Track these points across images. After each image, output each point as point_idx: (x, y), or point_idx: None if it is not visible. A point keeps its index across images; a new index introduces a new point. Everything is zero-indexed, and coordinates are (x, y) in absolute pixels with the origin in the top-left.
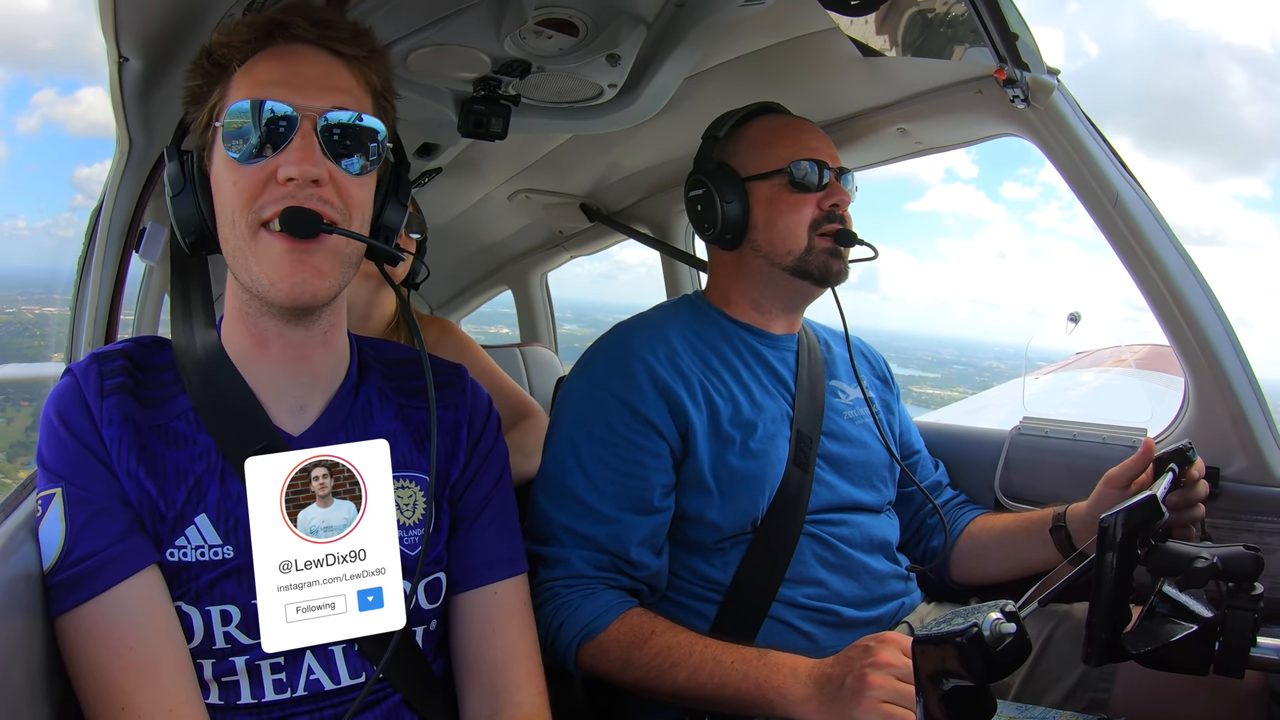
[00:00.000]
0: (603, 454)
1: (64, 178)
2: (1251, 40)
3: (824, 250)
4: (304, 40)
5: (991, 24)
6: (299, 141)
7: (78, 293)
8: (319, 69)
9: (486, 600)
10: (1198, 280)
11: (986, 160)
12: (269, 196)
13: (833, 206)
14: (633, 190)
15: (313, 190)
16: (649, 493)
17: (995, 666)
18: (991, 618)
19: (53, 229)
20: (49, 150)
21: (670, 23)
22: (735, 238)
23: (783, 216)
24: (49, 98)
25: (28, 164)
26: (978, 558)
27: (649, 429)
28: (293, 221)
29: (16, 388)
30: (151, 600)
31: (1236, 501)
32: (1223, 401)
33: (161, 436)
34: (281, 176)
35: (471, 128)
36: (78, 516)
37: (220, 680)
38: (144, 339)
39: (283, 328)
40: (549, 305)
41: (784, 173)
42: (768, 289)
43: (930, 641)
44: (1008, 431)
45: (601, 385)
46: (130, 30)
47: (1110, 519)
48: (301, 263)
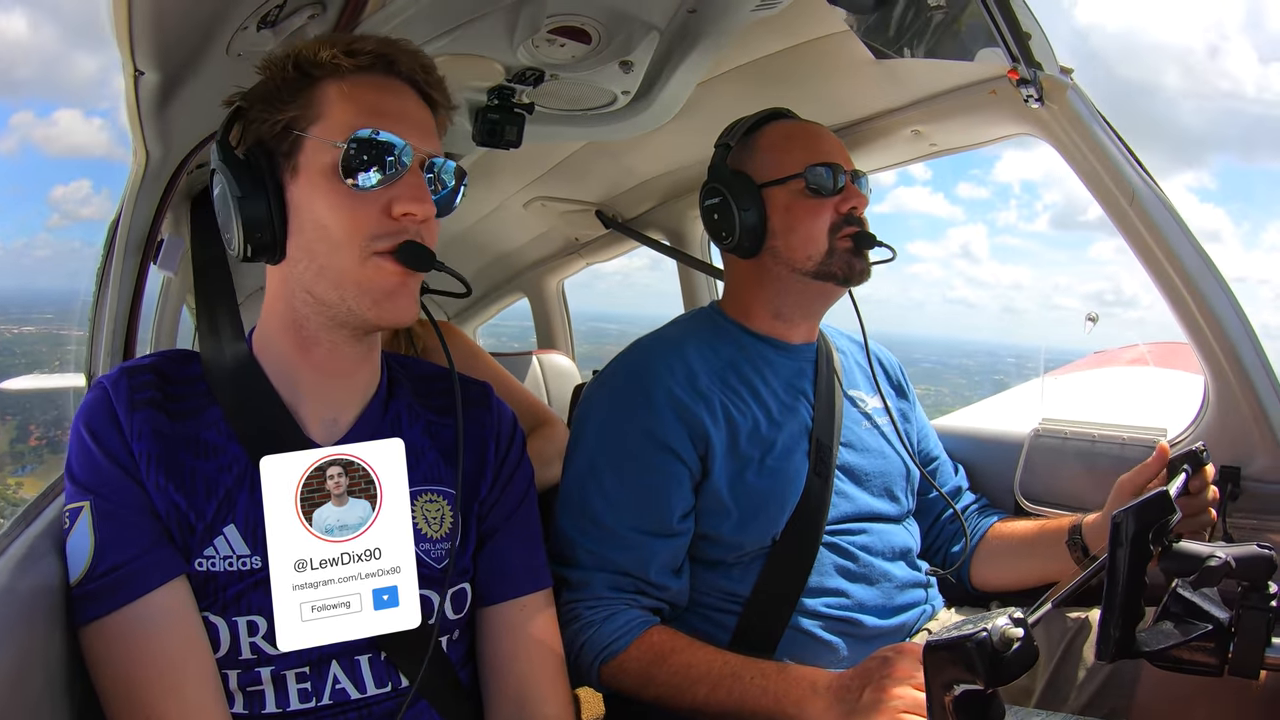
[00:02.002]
0: (623, 478)
1: (40, 198)
2: (1183, 40)
3: (845, 251)
4: (404, 78)
5: (1004, 24)
6: (414, 179)
7: (96, 305)
8: (421, 111)
9: (513, 614)
10: (1216, 278)
11: (938, 163)
12: (385, 228)
13: (850, 209)
14: (647, 196)
15: (420, 227)
16: (669, 516)
17: (1003, 671)
18: (1000, 623)
19: (29, 249)
20: (26, 172)
21: (682, 29)
22: (754, 245)
23: (802, 222)
24: (26, 120)
25: (5, 186)
26: (997, 564)
27: (669, 454)
28: (411, 256)
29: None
30: (177, 611)
31: (1258, 501)
32: (1244, 400)
33: (192, 448)
34: (398, 211)
35: (486, 136)
36: (106, 529)
37: (245, 690)
38: (171, 353)
39: (343, 342)
40: (566, 313)
41: (800, 178)
42: (789, 295)
43: (940, 647)
44: (1027, 434)
45: (621, 409)
46: (145, 43)
47: (1122, 515)
48: (406, 290)
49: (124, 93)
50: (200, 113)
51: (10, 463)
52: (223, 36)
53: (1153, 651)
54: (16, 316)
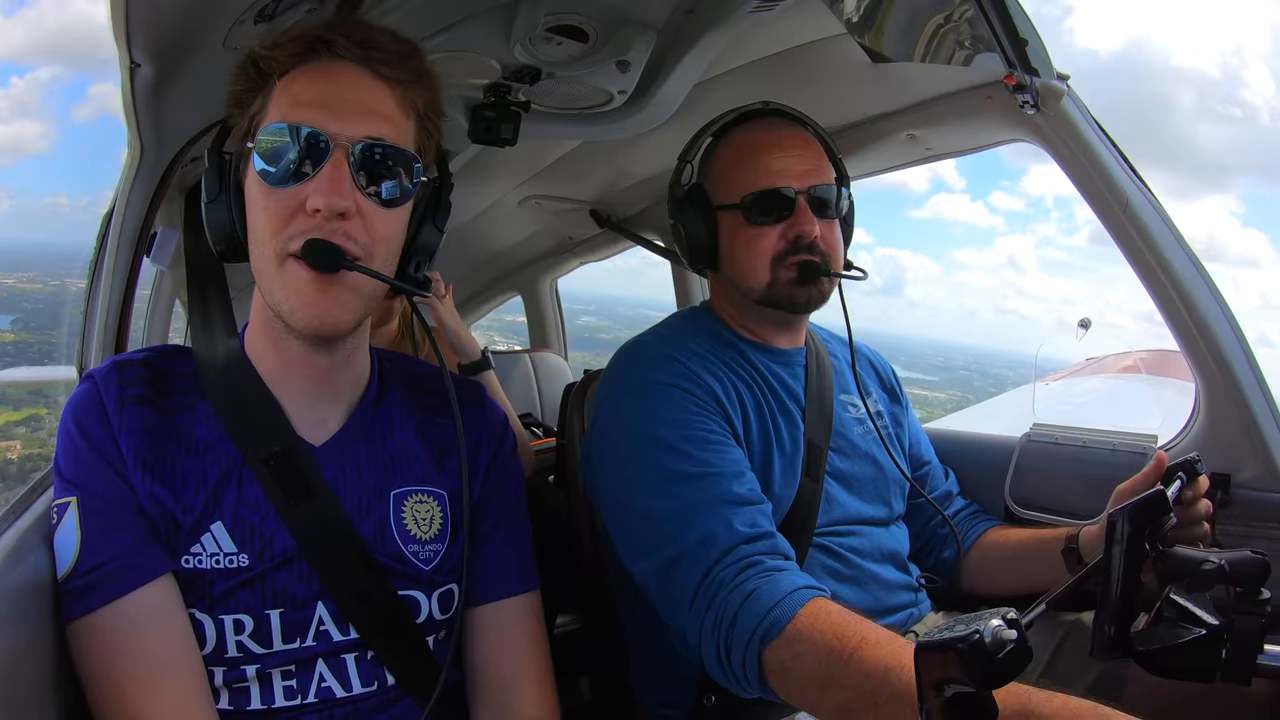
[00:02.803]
0: (685, 429)
1: (112, 160)
2: (1198, 64)
3: (788, 281)
4: (347, 59)
5: (1001, 30)
6: (329, 171)
7: (88, 297)
8: (359, 92)
9: (498, 615)
10: (1208, 286)
11: (972, 170)
12: (297, 226)
13: (797, 237)
14: (642, 196)
15: (338, 224)
16: (734, 453)
17: (996, 673)
18: (993, 625)
19: (95, 205)
20: (101, 135)
21: (680, 29)
22: (709, 265)
23: (743, 251)
24: (106, 90)
25: (81, 148)
26: (989, 572)
27: (712, 402)
28: (313, 255)
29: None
30: (163, 608)
31: (1248, 508)
32: (1234, 408)
33: (181, 444)
34: (309, 207)
35: (482, 134)
36: (92, 525)
37: (231, 687)
38: (164, 347)
39: (306, 351)
40: (559, 311)
41: (738, 209)
42: (750, 314)
43: (932, 648)
44: (1018, 438)
45: (646, 382)
46: (141, 36)
47: (1119, 513)
48: (323, 294)
49: (119, 85)
50: (195, 106)
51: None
52: (219, 30)
53: (1145, 651)
54: (80, 271)
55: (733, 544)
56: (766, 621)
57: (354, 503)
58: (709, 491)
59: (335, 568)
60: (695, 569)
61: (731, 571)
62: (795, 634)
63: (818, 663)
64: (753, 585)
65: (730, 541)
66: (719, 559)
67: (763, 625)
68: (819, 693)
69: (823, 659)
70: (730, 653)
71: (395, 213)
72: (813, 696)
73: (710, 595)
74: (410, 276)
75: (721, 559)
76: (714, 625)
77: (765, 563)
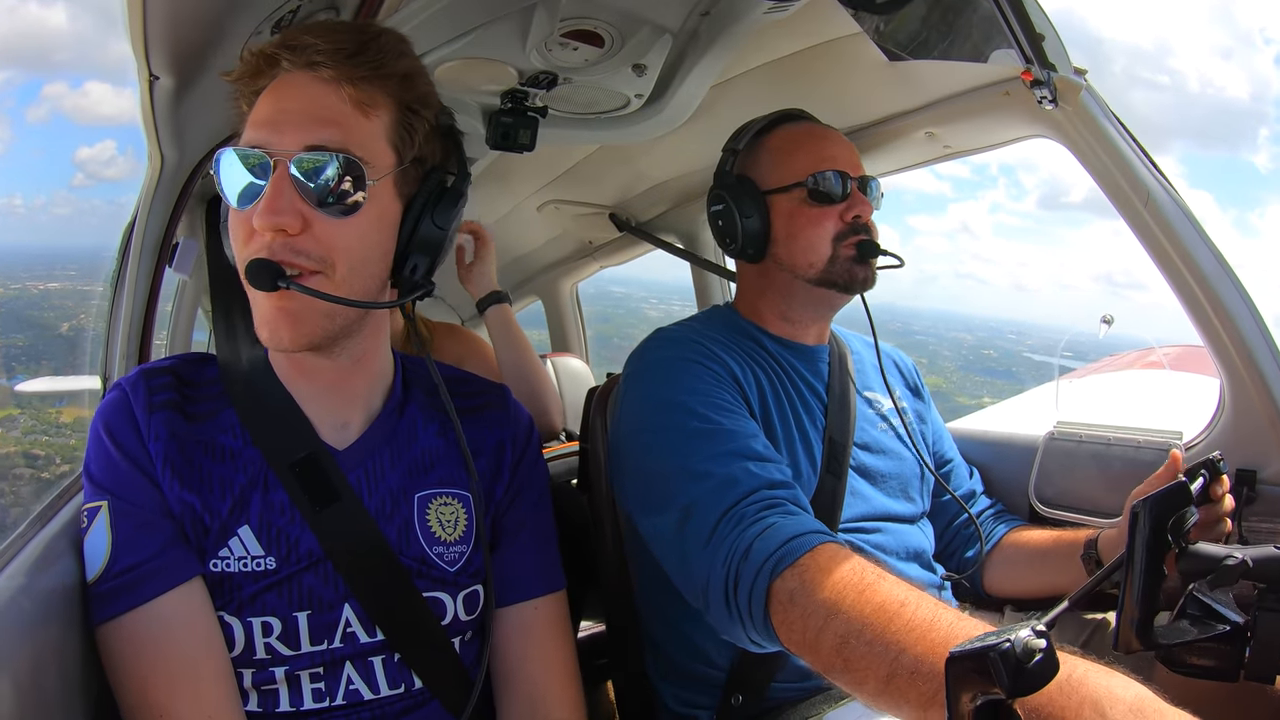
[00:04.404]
0: (705, 397)
1: (66, 159)
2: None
3: (848, 259)
4: (295, 69)
5: (1018, 25)
6: (269, 189)
7: (111, 308)
8: (302, 100)
9: (525, 616)
10: (1232, 280)
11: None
12: (252, 246)
13: (855, 218)
14: (661, 200)
15: (287, 240)
16: (750, 423)
17: (1025, 682)
18: (1023, 635)
19: (49, 206)
20: (53, 136)
21: (695, 32)
22: (757, 252)
23: (804, 230)
24: (60, 90)
25: (32, 148)
26: (1011, 573)
27: (729, 379)
28: (250, 274)
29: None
30: (192, 611)
31: (1274, 504)
32: (1260, 403)
33: (208, 451)
34: (254, 227)
35: (500, 140)
36: (123, 529)
37: (260, 689)
38: (189, 356)
39: (307, 359)
40: (579, 316)
41: (803, 185)
42: (795, 300)
43: (964, 657)
44: (1041, 437)
45: (669, 359)
46: (160, 49)
47: (1141, 505)
48: (277, 312)
49: (139, 97)
50: (214, 116)
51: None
52: (237, 41)
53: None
54: (42, 274)
55: (756, 486)
56: (781, 552)
57: (378, 505)
58: (729, 445)
59: (360, 570)
60: (715, 509)
61: (754, 509)
62: (810, 563)
63: (828, 591)
64: (773, 520)
65: (753, 484)
66: (741, 498)
67: (777, 554)
68: (824, 622)
69: (834, 588)
70: (739, 584)
71: (351, 220)
72: (814, 630)
73: (728, 530)
74: (406, 280)
75: (744, 498)
76: (726, 557)
77: (788, 505)
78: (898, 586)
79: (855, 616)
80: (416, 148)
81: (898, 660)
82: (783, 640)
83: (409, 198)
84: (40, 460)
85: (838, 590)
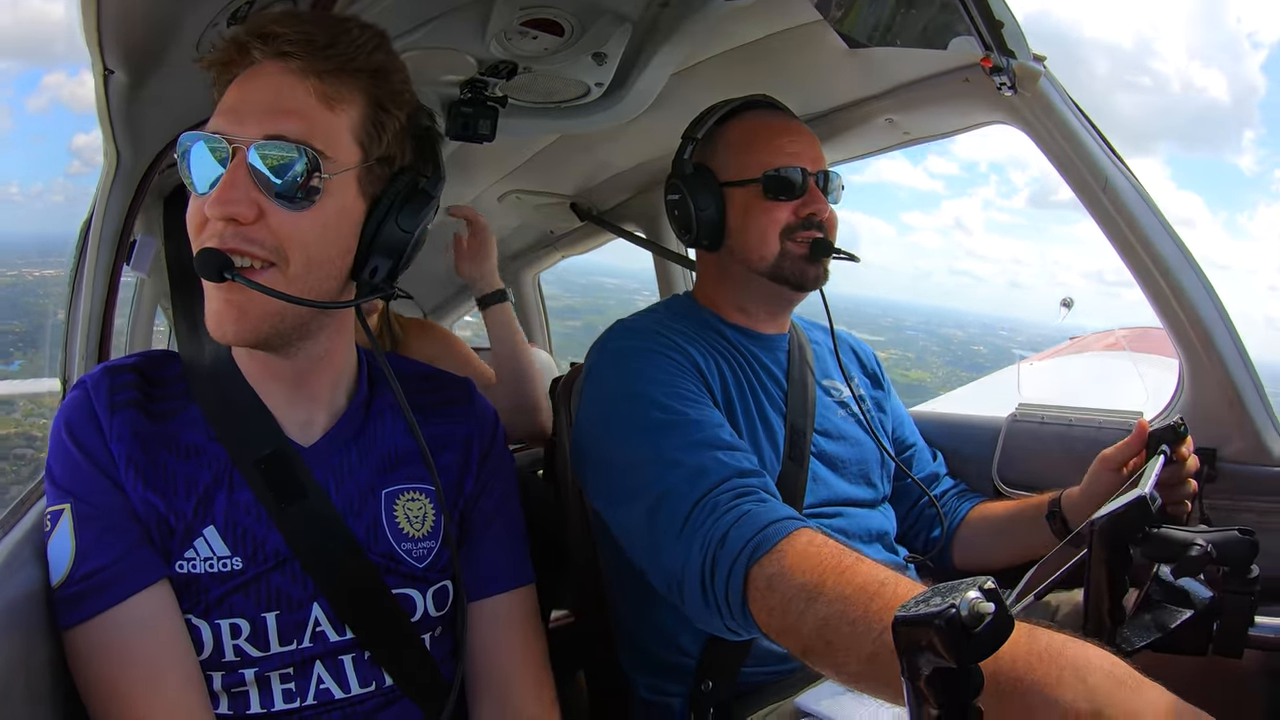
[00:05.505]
0: (669, 388)
1: (62, 146)
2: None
3: (799, 256)
4: (265, 59)
5: (977, 12)
6: (225, 176)
7: (70, 307)
8: (267, 91)
9: (494, 611)
10: (1189, 262)
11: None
12: (205, 234)
13: (809, 215)
14: (622, 188)
15: (239, 229)
16: (715, 413)
17: (975, 648)
18: (969, 597)
19: (46, 193)
20: (51, 124)
21: (655, 20)
22: (713, 242)
23: (756, 222)
24: (59, 80)
25: (30, 136)
26: (979, 546)
27: (693, 369)
28: (200, 263)
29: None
30: (158, 614)
31: (1234, 482)
32: (1218, 383)
33: (172, 449)
34: (206, 213)
35: (460, 130)
36: (87, 532)
37: (230, 691)
38: (153, 353)
39: (265, 356)
40: (542, 306)
41: (759, 181)
42: (749, 292)
43: (909, 623)
44: (1004, 419)
45: (631, 349)
46: (114, 43)
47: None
48: (226, 304)
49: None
50: (171, 111)
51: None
52: (193, 34)
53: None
54: (37, 260)
55: (726, 475)
56: (758, 538)
57: (345, 502)
58: (696, 436)
59: (328, 568)
60: (687, 499)
61: (726, 497)
62: (788, 549)
63: (808, 575)
64: (747, 507)
65: (723, 474)
66: (713, 487)
67: (754, 541)
68: (805, 606)
69: (813, 571)
70: (715, 572)
71: (307, 214)
72: (795, 614)
73: (701, 519)
74: (365, 283)
75: (716, 486)
76: (701, 546)
77: (760, 493)
78: (876, 568)
79: (837, 598)
80: (385, 146)
81: (881, 638)
82: (761, 626)
83: (374, 197)
84: (39, 441)
85: (818, 573)
